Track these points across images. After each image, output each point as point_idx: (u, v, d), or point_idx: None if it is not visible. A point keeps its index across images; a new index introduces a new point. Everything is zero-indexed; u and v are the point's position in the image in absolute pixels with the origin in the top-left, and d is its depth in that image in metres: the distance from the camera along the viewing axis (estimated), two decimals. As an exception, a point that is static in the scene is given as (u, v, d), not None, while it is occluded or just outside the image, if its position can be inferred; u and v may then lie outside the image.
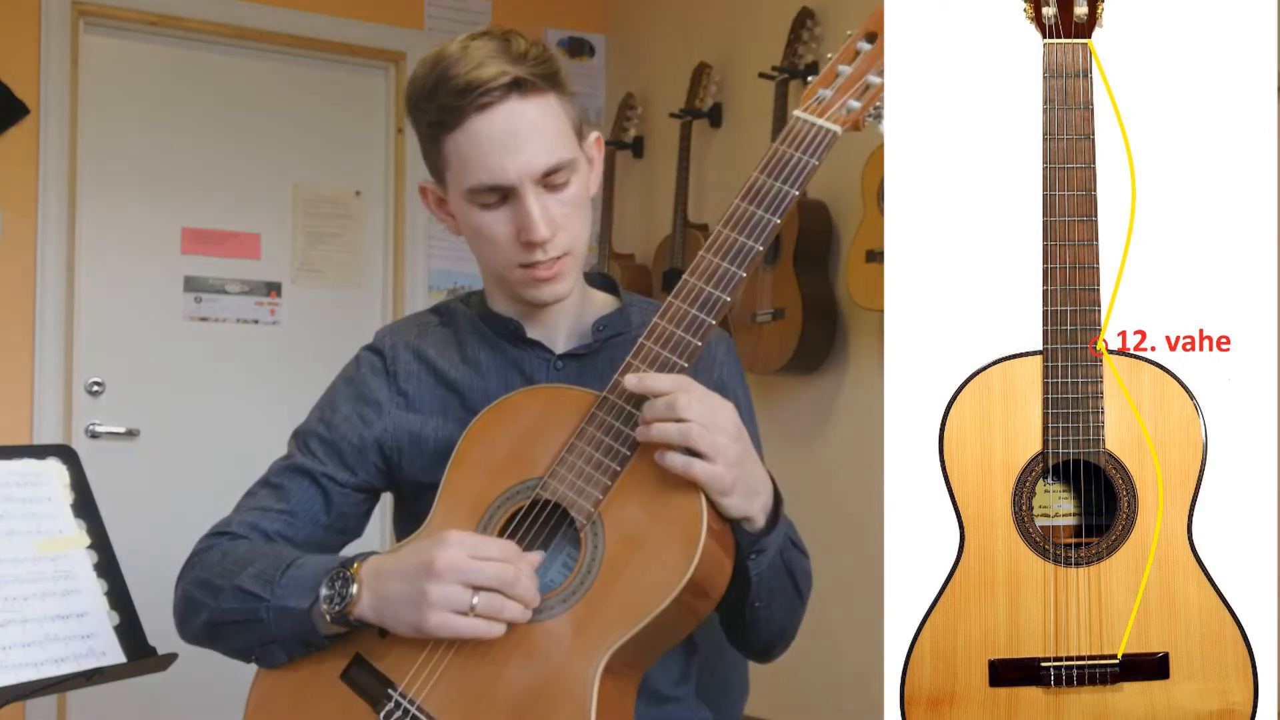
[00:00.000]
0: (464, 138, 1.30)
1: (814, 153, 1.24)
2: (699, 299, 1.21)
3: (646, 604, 1.14)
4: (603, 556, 1.17)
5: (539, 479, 1.22)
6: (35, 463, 1.53)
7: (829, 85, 1.27)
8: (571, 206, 1.34)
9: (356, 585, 1.20)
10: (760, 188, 1.23)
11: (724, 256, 1.22)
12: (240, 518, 1.39)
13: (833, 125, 1.25)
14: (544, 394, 1.28)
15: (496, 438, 1.26)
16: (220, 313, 3.80)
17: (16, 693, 1.35)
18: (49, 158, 3.52)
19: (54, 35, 3.54)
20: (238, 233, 3.84)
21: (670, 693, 1.37)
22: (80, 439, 3.57)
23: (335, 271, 3.97)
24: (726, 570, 1.21)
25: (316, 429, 1.43)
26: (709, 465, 1.15)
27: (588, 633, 1.16)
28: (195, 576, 1.35)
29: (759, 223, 1.22)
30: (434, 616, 1.14)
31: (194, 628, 1.34)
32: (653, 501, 1.17)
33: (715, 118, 3.61)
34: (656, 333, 1.21)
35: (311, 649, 1.26)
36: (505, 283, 1.39)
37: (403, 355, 1.44)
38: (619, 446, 1.19)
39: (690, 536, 1.15)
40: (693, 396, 1.16)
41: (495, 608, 1.14)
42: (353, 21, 3.93)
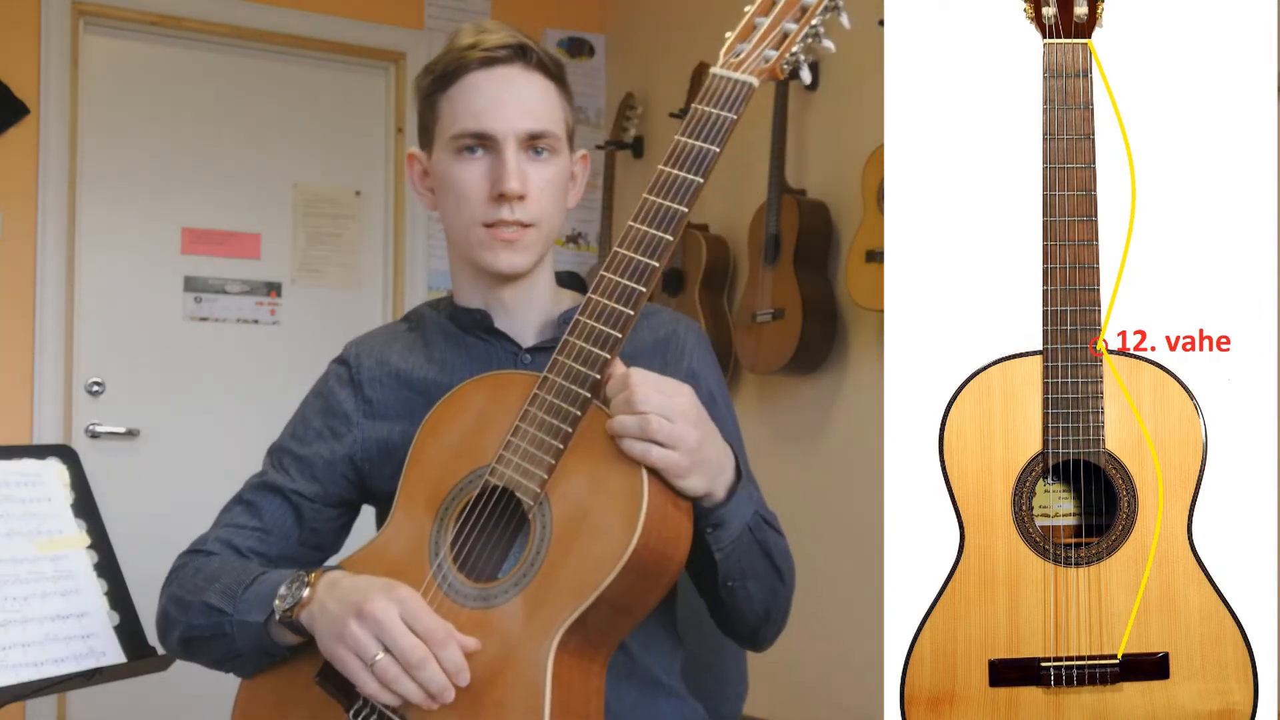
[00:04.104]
0: (461, 89, 1.35)
1: (733, 107, 1.22)
2: (628, 268, 1.20)
3: (592, 579, 1.14)
4: (550, 536, 1.17)
5: (488, 465, 1.22)
6: (35, 463, 1.54)
7: (746, 39, 1.25)
8: (548, 183, 1.36)
9: (309, 590, 1.21)
10: (683, 150, 1.22)
11: (651, 223, 1.21)
12: (215, 534, 1.40)
13: (749, 78, 1.23)
14: (490, 381, 1.28)
15: (447, 430, 1.27)
16: (220, 313, 3.80)
17: (16, 693, 1.35)
18: (49, 158, 3.52)
19: (54, 35, 3.54)
20: (238, 233, 3.83)
21: (666, 681, 1.37)
22: (80, 439, 3.56)
23: (335, 271, 3.97)
24: (683, 543, 1.20)
25: (289, 445, 1.44)
26: (665, 451, 1.15)
27: (539, 613, 1.15)
28: (170, 593, 1.36)
29: (683, 185, 1.21)
30: (340, 650, 1.16)
31: (170, 643, 1.36)
32: (596, 477, 1.17)
33: (715, 118, 3.60)
34: (590, 307, 1.21)
35: (275, 659, 1.28)
36: (468, 253, 1.39)
37: (367, 363, 1.44)
38: (560, 425, 1.18)
39: (632, 509, 1.14)
40: (649, 387, 1.16)
41: (389, 676, 1.14)
42: (353, 21, 3.93)
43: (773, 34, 1.24)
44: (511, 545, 1.25)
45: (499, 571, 1.23)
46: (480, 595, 1.19)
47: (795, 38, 1.23)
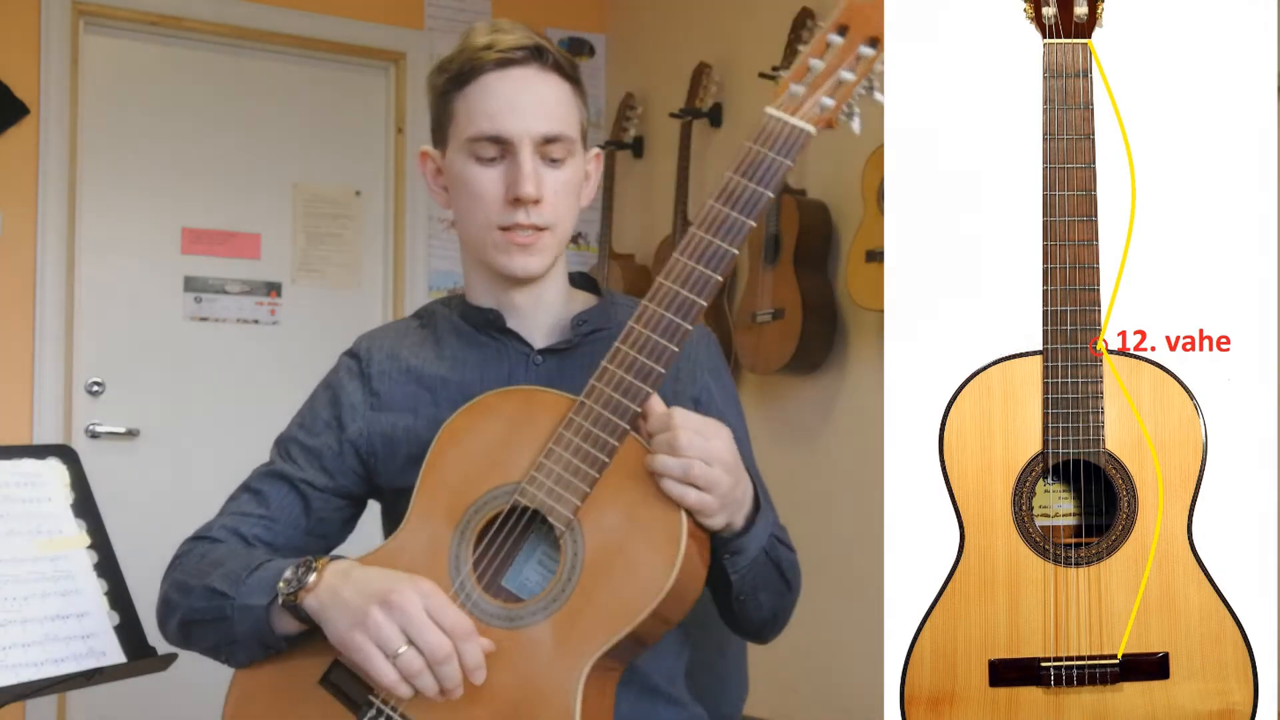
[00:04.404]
0: (476, 89, 1.34)
1: (787, 153, 1.22)
2: (674, 302, 1.21)
3: (627, 614, 1.15)
4: (583, 563, 1.18)
5: (516, 484, 1.21)
6: (35, 463, 1.53)
7: (800, 80, 1.25)
8: (563, 186, 1.36)
9: (316, 575, 1.21)
10: (735, 189, 1.22)
11: (699, 259, 1.21)
12: (221, 521, 1.40)
13: (806, 125, 1.23)
14: (518, 396, 1.27)
15: (471, 441, 1.26)
16: (220, 313, 3.80)
17: (16, 693, 1.35)
18: (49, 158, 3.52)
19: (54, 35, 3.54)
20: (238, 233, 3.84)
21: (665, 688, 1.37)
22: (80, 439, 3.57)
23: (335, 271, 3.97)
24: (702, 576, 1.22)
25: (297, 435, 1.44)
26: (701, 494, 1.17)
27: (569, 641, 1.16)
28: (173, 579, 1.36)
29: (733, 225, 1.21)
30: (359, 637, 1.15)
31: (170, 629, 1.35)
32: (633, 509, 1.18)
33: (715, 118, 3.61)
34: (633, 337, 1.21)
35: (269, 651, 1.26)
36: (483, 255, 1.39)
37: (377, 357, 1.45)
38: (596, 453, 1.18)
39: (671, 547, 1.16)
40: (691, 431, 1.17)
41: (412, 670, 1.13)
42: (353, 21, 3.93)
43: (828, 81, 1.23)
44: (528, 560, 1.25)
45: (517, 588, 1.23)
46: (505, 615, 1.19)
47: (852, 89, 1.22)
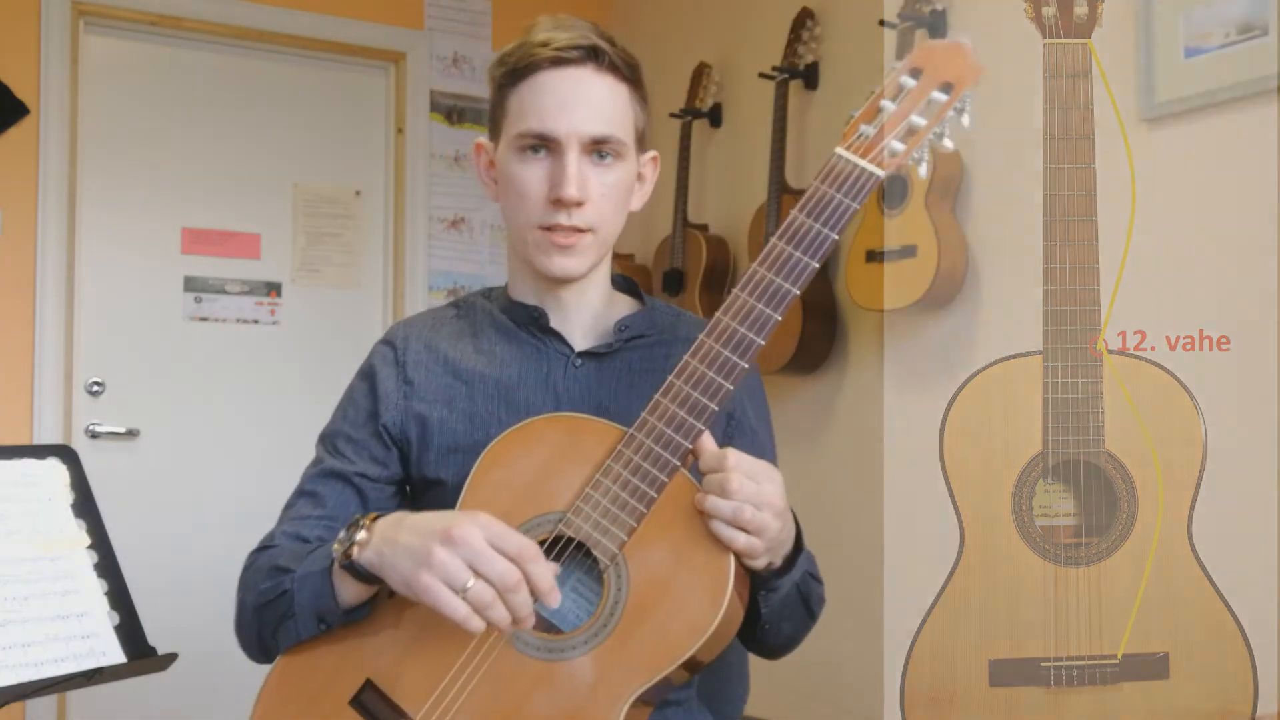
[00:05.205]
0: (529, 86, 1.33)
1: (855, 196, 1.19)
2: (732, 339, 1.19)
3: (671, 653, 1.15)
4: (626, 599, 1.17)
5: (560, 514, 1.21)
6: (35, 463, 1.53)
7: (871, 121, 1.22)
8: (610, 189, 1.35)
9: (366, 532, 1.20)
10: (799, 229, 1.20)
11: (759, 297, 1.20)
12: (282, 529, 1.39)
13: (876, 169, 1.20)
14: (565, 424, 1.27)
15: (515, 465, 1.25)
16: (220, 313, 3.80)
17: (16, 693, 1.35)
18: (49, 158, 3.51)
19: (54, 35, 3.54)
20: (238, 233, 3.83)
21: (673, 696, 1.37)
22: (80, 439, 3.56)
23: (335, 271, 3.97)
24: (740, 618, 1.22)
25: (342, 428, 1.43)
26: (750, 539, 1.17)
27: (610, 676, 1.16)
28: (241, 587, 1.35)
29: (796, 264, 1.19)
30: (426, 577, 1.13)
31: (245, 632, 1.34)
32: (680, 548, 1.17)
33: (715, 118, 3.60)
34: (688, 371, 1.20)
35: (324, 626, 1.25)
36: (525, 252, 1.39)
37: (413, 346, 1.44)
38: (645, 488, 1.18)
39: (719, 590, 1.16)
40: (743, 474, 1.17)
41: (484, 602, 1.12)
42: (353, 21, 3.93)
43: (900, 125, 1.21)
44: (560, 585, 1.24)
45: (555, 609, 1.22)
46: (546, 647, 1.19)
47: (923, 136, 1.20)
